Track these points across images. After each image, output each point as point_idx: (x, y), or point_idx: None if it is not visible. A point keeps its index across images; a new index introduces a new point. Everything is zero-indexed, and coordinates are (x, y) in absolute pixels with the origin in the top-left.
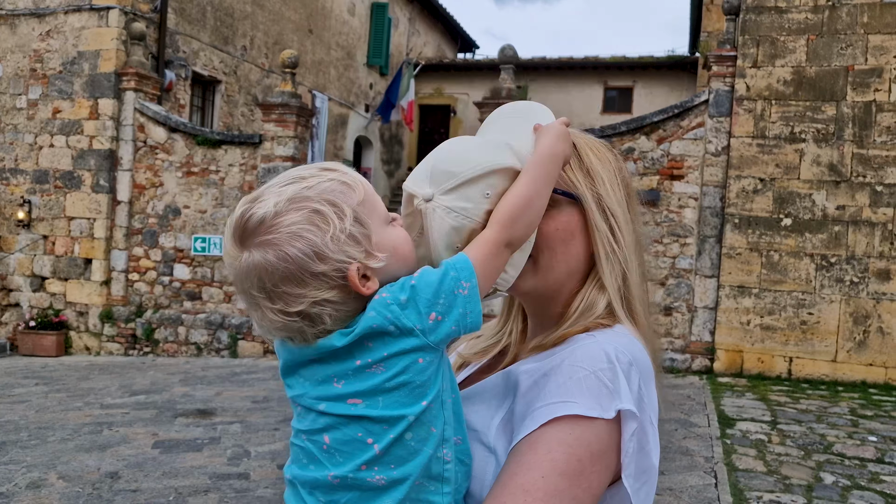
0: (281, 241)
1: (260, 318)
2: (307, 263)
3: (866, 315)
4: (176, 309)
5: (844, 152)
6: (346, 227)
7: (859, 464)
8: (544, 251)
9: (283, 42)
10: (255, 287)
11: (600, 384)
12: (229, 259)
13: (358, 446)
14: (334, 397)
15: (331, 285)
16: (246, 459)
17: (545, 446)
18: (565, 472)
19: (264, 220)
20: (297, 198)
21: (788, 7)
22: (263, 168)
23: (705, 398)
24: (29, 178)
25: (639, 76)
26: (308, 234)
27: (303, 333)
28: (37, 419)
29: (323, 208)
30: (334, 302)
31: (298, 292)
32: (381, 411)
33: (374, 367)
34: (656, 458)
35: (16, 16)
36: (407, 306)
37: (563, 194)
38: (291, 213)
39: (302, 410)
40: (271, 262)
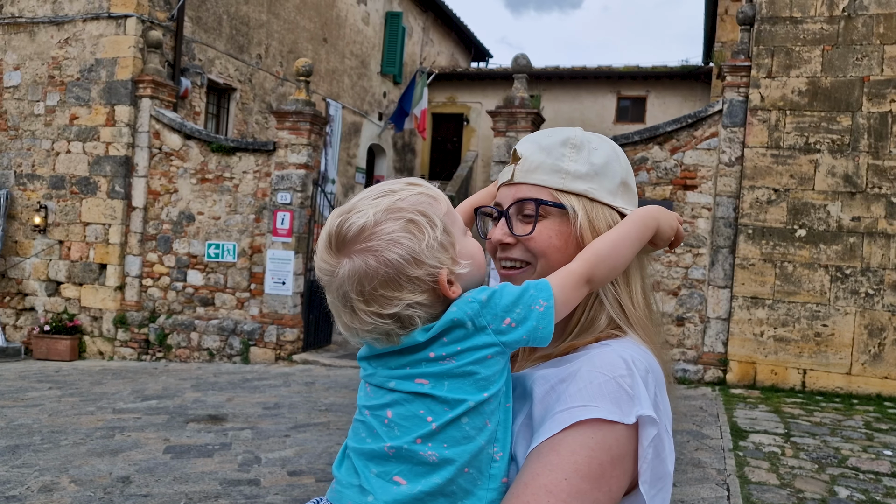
0: (382, 248)
1: (350, 321)
2: (405, 268)
3: (881, 328)
4: (189, 315)
5: (860, 163)
6: (437, 235)
7: (874, 478)
8: (541, 259)
9: (297, 51)
10: (354, 291)
11: (620, 390)
12: (326, 266)
13: (416, 422)
14: (405, 376)
15: (423, 289)
16: (256, 466)
17: (568, 448)
18: (587, 475)
19: (364, 228)
20: (392, 209)
21: (803, 17)
22: (277, 175)
23: (718, 410)
24: (45, 184)
25: (652, 86)
26: (406, 241)
27: (390, 335)
28: (50, 423)
29: (417, 218)
30: (424, 305)
31: (394, 295)
32: (445, 393)
33: (447, 360)
34: (671, 465)
35: (35, 24)
36: (486, 306)
37: (552, 205)
38: (389, 223)
39: (371, 389)
40: (372, 266)
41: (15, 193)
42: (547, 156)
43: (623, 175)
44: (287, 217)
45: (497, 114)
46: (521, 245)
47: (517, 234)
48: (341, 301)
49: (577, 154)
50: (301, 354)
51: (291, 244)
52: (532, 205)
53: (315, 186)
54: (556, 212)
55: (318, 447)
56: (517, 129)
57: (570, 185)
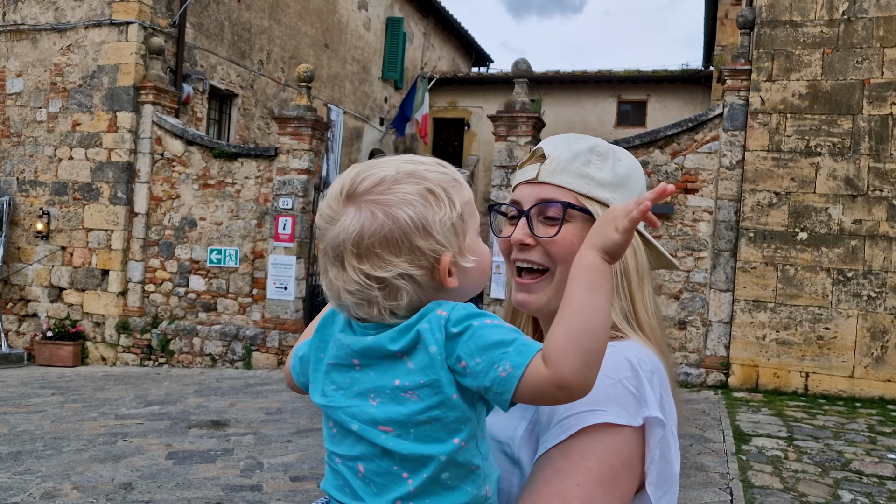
0: (393, 204)
1: (336, 276)
2: (410, 233)
3: (884, 330)
4: (191, 320)
5: (861, 166)
6: (453, 216)
7: (878, 481)
8: (561, 265)
9: (299, 56)
10: (351, 242)
11: (626, 392)
12: (328, 212)
13: (393, 479)
14: (368, 420)
15: (421, 264)
16: (259, 471)
17: (578, 454)
18: (599, 479)
19: (383, 181)
20: (416, 174)
21: (803, 21)
22: (279, 181)
23: (720, 413)
24: (48, 190)
25: (653, 90)
26: (420, 207)
27: (371, 305)
28: (52, 429)
29: (437, 191)
30: (416, 282)
31: (390, 259)
32: (411, 447)
33: (410, 394)
34: (677, 466)
35: (37, 31)
36: (455, 341)
37: (578, 209)
38: (409, 185)
39: (337, 431)
40: (378, 220)
41: (18, 200)
42: (574, 159)
43: (641, 190)
44: (289, 222)
45: (498, 118)
46: (540, 248)
47: (539, 236)
48: (333, 253)
49: (602, 162)
50: None
51: (293, 249)
52: (558, 207)
53: (317, 192)
54: (580, 217)
55: (321, 452)
56: (518, 134)
57: (594, 192)
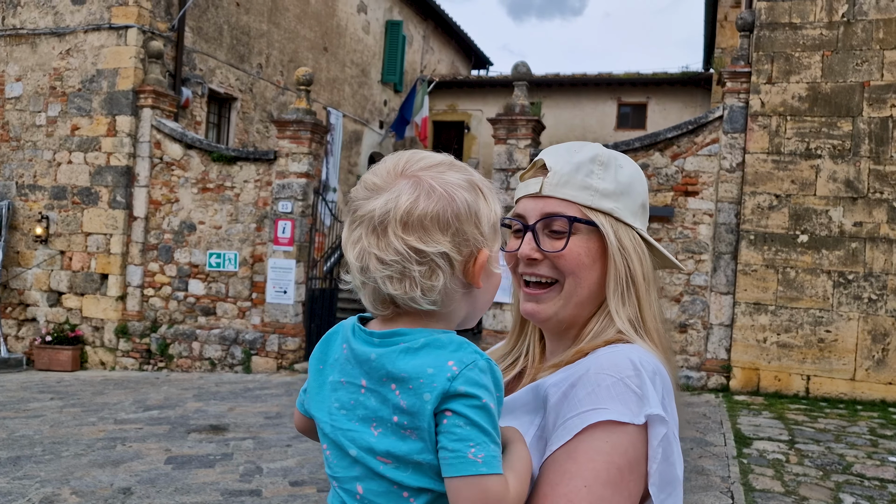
0: (451, 186)
1: (371, 245)
2: (462, 215)
3: (885, 333)
4: (190, 324)
5: (861, 168)
6: (494, 216)
7: (879, 484)
8: (569, 277)
9: (298, 60)
10: (404, 210)
11: (628, 390)
12: (376, 182)
13: (394, 498)
14: (367, 449)
15: (461, 250)
16: (258, 476)
17: (585, 455)
18: (607, 481)
19: (441, 163)
20: (465, 168)
21: (803, 23)
22: (278, 184)
23: (721, 416)
24: (47, 194)
25: (653, 92)
26: (473, 196)
27: (404, 279)
28: (51, 434)
29: (485, 189)
30: (452, 268)
31: (437, 236)
32: (409, 480)
33: (409, 432)
34: (681, 471)
35: (36, 35)
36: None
37: (585, 222)
38: (460, 174)
39: (331, 453)
40: (437, 193)
41: (17, 204)
42: (577, 171)
43: (644, 197)
44: (288, 226)
45: (498, 121)
46: (548, 262)
47: (547, 251)
48: (376, 220)
49: (604, 172)
50: (303, 363)
51: (293, 253)
52: (564, 221)
53: (316, 195)
54: (586, 229)
55: (320, 457)
56: (518, 137)
57: (598, 203)
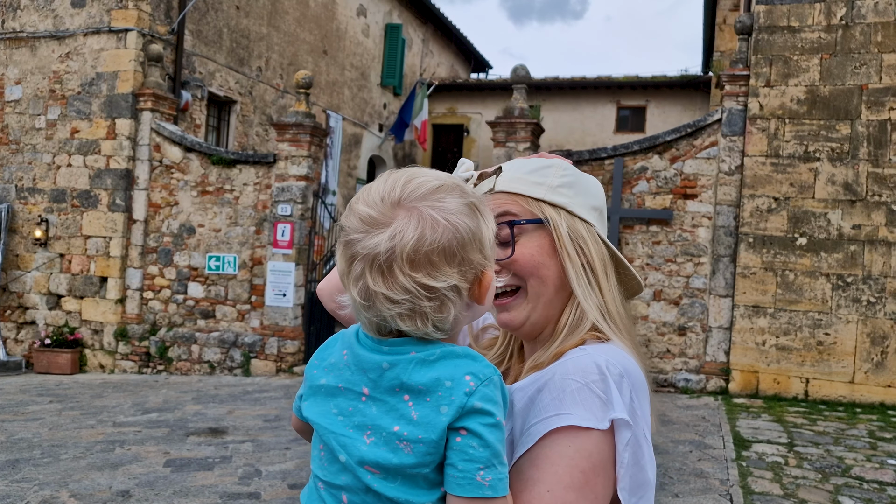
0: (451, 212)
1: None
2: (467, 244)
3: (884, 336)
4: (189, 327)
5: (859, 171)
6: (492, 234)
7: (878, 487)
8: (531, 278)
9: (297, 63)
10: (410, 248)
11: (592, 395)
12: (372, 216)
13: None
14: (356, 457)
15: (467, 277)
16: (257, 479)
17: (547, 461)
18: (570, 484)
19: (439, 189)
20: (458, 187)
21: (801, 27)
22: (277, 187)
23: (720, 419)
24: (46, 197)
25: (652, 95)
26: (473, 220)
27: (416, 316)
28: (50, 437)
29: (482, 207)
30: (461, 297)
31: (446, 269)
32: (395, 492)
33: (405, 445)
34: (652, 473)
35: (36, 38)
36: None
37: (530, 222)
38: (457, 197)
39: (325, 455)
40: (441, 226)
41: (16, 207)
42: (530, 172)
43: (600, 202)
44: (287, 229)
45: (497, 124)
46: (505, 270)
47: (499, 259)
48: (377, 260)
49: (556, 171)
50: (302, 367)
51: (292, 256)
52: (505, 227)
53: (315, 198)
54: (532, 228)
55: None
56: (517, 140)
57: (550, 196)
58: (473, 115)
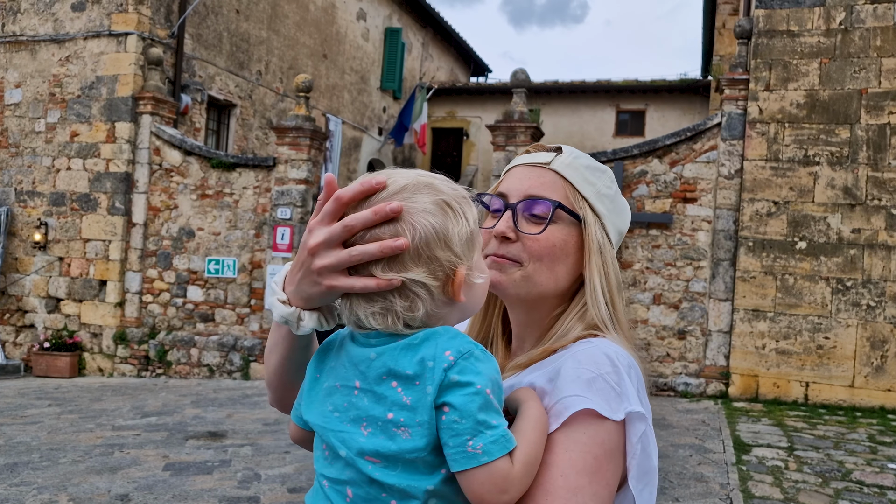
0: (415, 212)
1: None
2: (431, 243)
3: (884, 340)
4: (189, 331)
5: (859, 175)
6: (468, 229)
7: (878, 491)
8: (533, 262)
9: (297, 67)
10: None
11: (608, 386)
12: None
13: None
14: (356, 450)
15: (437, 275)
16: (256, 483)
17: (560, 446)
18: (583, 469)
19: (405, 188)
20: (432, 186)
21: (801, 31)
22: (277, 191)
23: (720, 423)
24: (46, 201)
25: (651, 99)
26: (440, 218)
27: (388, 313)
28: (48, 440)
29: (454, 204)
30: (431, 294)
31: (412, 268)
32: (397, 479)
33: (402, 430)
34: (656, 459)
35: (36, 42)
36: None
37: (571, 214)
38: (427, 195)
39: (329, 454)
40: (402, 226)
41: (15, 210)
42: (587, 168)
43: (624, 227)
44: (287, 232)
45: (496, 128)
46: (520, 244)
47: (522, 231)
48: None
49: (611, 183)
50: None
51: (292, 259)
52: (547, 205)
53: (315, 202)
54: (568, 220)
55: None
56: (516, 144)
57: (594, 201)
58: (473, 119)
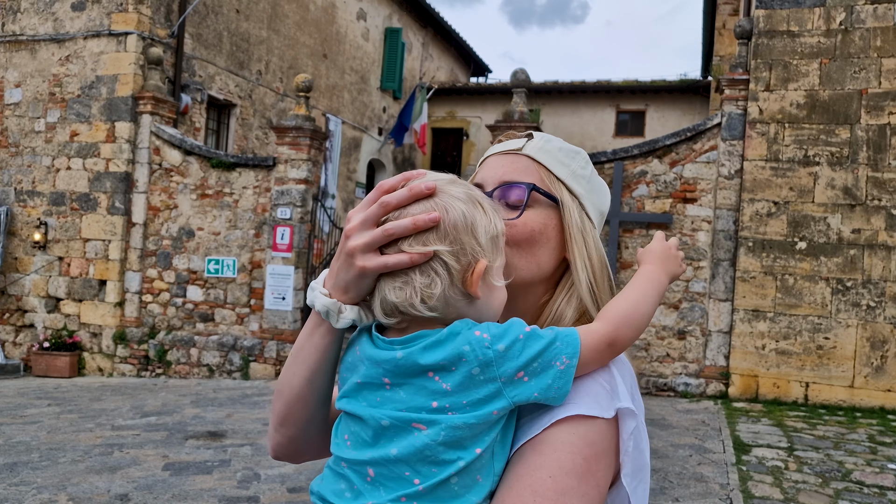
0: (448, 197)
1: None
2: (460, 226)
3: (884, 340)
4: (188, 330)
5: (859, 175)
6: (495, 229)
7: (878, 492)
8: (514, 248)
9: (297, 66)
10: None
11: (598, 385)
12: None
13: (401, 483)
14: (402, 418)
15: (459, 259)
16: (256, 483)
17: (549, 447)
18: (572, 470)
19: (441, 178)
20: (463, 183)
21: (801, 31)
22: (277, 191)
23: (720, 423)
24: (46, 200)
25: (651, 100)
26: (470, 207)
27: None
28: (48, 440)
29: (486, 204)
30: (451, 276)
31: (434, 241)
32: (437, 449)
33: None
34: (648, 455)
35: (36, 41)
36: (504, 356)
37: (546, 195)
38: (460, 188)
39: (352, 442)
40: (437, 206)
41: (15, 210)
42: (558, 150)
43: (604, 207)
44: (287, 232)
45: (496, 128)
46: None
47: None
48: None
49: (581, 161)
50: None
51: (291, 259)
52: (522, 189)
53: (315, 201)
54: (545, 202)
55: (319, 463)
56: None
57: (571, 182)
58: (473, 119)
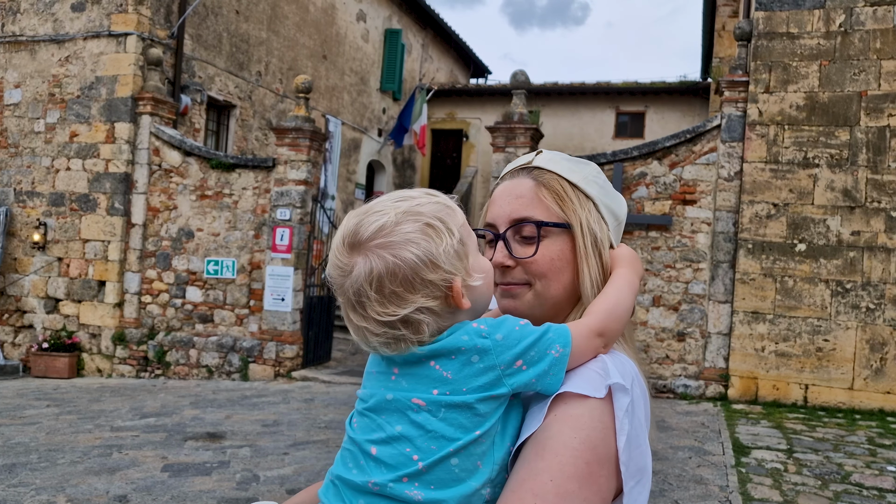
0: (399, 246)
1: (360, 321)
2: (420, 269)
3: (883, 342)
4: (188, 331)
5: (859, 178)
6: (454, 243)
7: (878, 494)
8: (540, 280)
9: (297, 68)
10: (371, 288)
11: (590, 371)
12: (338, 264)
13: (402, 460)
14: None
15: (435, 295)
16: (255, 484)
17: (551, 452)
18: (574, 474)
19: (383, 227)
20: (411, 212)
21: (800, 33)
22: (276, 191)
23: (720, 425)
24: (45, 201)
25: (651, 101)
26: (424, 243)
27: (399, 341)
28: (47, 441)
29: (435, 223)
30: (434, 312)
31: (408, 296)
32: (438, 425)
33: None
34: (650, 461)
35: (36, 42)
36: (501, 346)
37: (557, 225)
38: (408, 224)
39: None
40: (390, 263)
41: (14, 210)
42: (567, 159)
43: (620, 211)
44: (286, 233)
45: (496, 129)
46: (520, 267)
47: (518, 257)
48: (353, 301)
49: (593, 169)
50: (300, 371)
51: (291, 260)
52: (532, 227)
53: (314, 202)
54: (557, 231)
55: (318, 465)
56: (516, 145)
57: (584, 185)
58: (473, 121)
